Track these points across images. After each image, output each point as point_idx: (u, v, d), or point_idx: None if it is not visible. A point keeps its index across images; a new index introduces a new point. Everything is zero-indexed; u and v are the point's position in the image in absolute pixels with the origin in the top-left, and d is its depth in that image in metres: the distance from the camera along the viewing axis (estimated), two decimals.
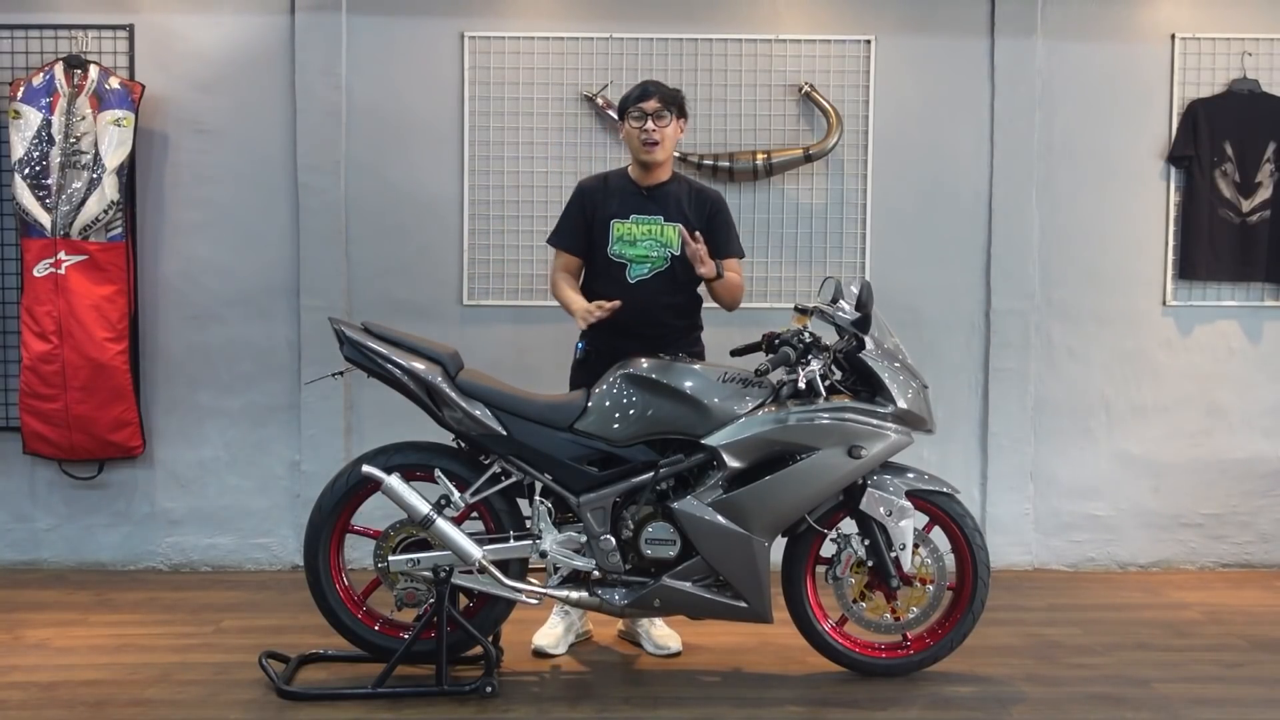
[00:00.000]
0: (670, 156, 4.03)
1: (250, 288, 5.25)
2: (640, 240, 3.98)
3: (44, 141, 4.95)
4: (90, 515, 5.24)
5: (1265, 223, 5.33)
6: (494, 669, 3.69)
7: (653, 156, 3.95)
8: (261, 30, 5.20)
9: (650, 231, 3.98)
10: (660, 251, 3.97)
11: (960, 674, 3.89)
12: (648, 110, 3.91)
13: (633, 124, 3.94)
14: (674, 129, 3.97)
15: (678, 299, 4.04)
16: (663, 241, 3.98)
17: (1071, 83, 5.32)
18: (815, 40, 5.25)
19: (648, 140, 3.92)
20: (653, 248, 3.98)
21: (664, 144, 3.94)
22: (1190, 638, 4.39)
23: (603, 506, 3.70)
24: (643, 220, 3.99)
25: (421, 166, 5.24)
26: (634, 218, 3.98)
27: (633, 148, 4.00)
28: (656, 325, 3.98)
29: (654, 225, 3.98)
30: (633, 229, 3.98)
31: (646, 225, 3.99)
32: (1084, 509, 5.40)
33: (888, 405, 3.70)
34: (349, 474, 3.78)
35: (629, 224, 3.99)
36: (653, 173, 4.01)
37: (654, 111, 3.91)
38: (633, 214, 3.99)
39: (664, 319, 4.00)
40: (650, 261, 3.98)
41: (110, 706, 3.57)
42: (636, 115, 3.93)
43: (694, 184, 4.13)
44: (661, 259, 3.98)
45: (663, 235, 3.98)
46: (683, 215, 3.99)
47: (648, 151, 3.93)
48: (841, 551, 3.80)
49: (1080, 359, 5.38)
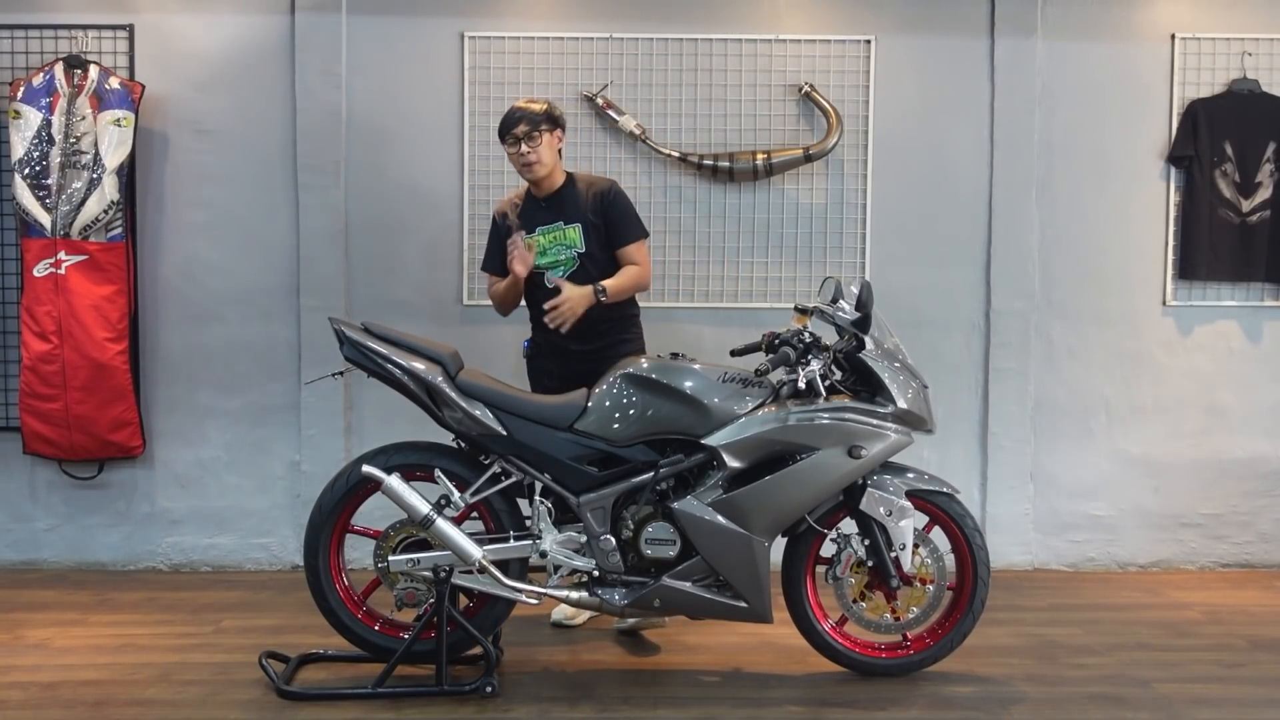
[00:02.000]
0: (555, 166, 4.24)
1: (250, 288, 5.25)
2: (548, 249, 4.23)
3: (44, 141, 4.95)
4: (90, 515, 5.24)
5: (1265, 223, 5.33)
6: (494, 669, 3.69)
7: (534, 175, 4.20)
8: (261, 30, 5.20)
9: (555, 238, 4.23)
10: (566, 253, 4.21)
11: (960, 674, 3.89)
12: (518, 135, 4.15)
13: (509, 150, 4.21)
14: (549, 142, 4.19)
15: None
16: (565, 243, 4.22)
17: (1071, 83, 5.32)
18: (815, 40, 5.25)
19: (524, 163, 4.17)
20: (559, 251, 4.22)
21: (542, 160, 4.17)
22: (1190, 638, 4.39)
23: (603, 506, 3.70)
24: (545, 230, 4.24)
25: (421, 166, 5.24)
26: (538, 230, 4.24)
27: (518, 171, 4.26)
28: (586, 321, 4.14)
29: (555, 231, 4.23)
30: (540, 240, 4.23)
31: (550, 234, 4.23)
32: (1084, 509, 5.40)
33: (888, 405, 3.70)
34: (349, 474, 3.78)
35: (535, 236, 4.23)
36: (544, 185, 4.25)
37: (524, 135, 4.14)
38: (537, 227, 4.24)
39: (591, 314, 4.14)
40: (561, 264, 4.21)
41: (110, 706, 3.57)
42: (510, 142, 4.18)
43: (587, 180, 4.35)
44: (570, 259, 4.21)
45: (565, 238, 4.23)
46: (581, 213, 4.23)
47: (529, 171, 4.19)
48: (841, 551, 3.80)
49: (1080, 359, 5.38)
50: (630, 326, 4.33)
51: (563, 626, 4.33)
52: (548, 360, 4.27)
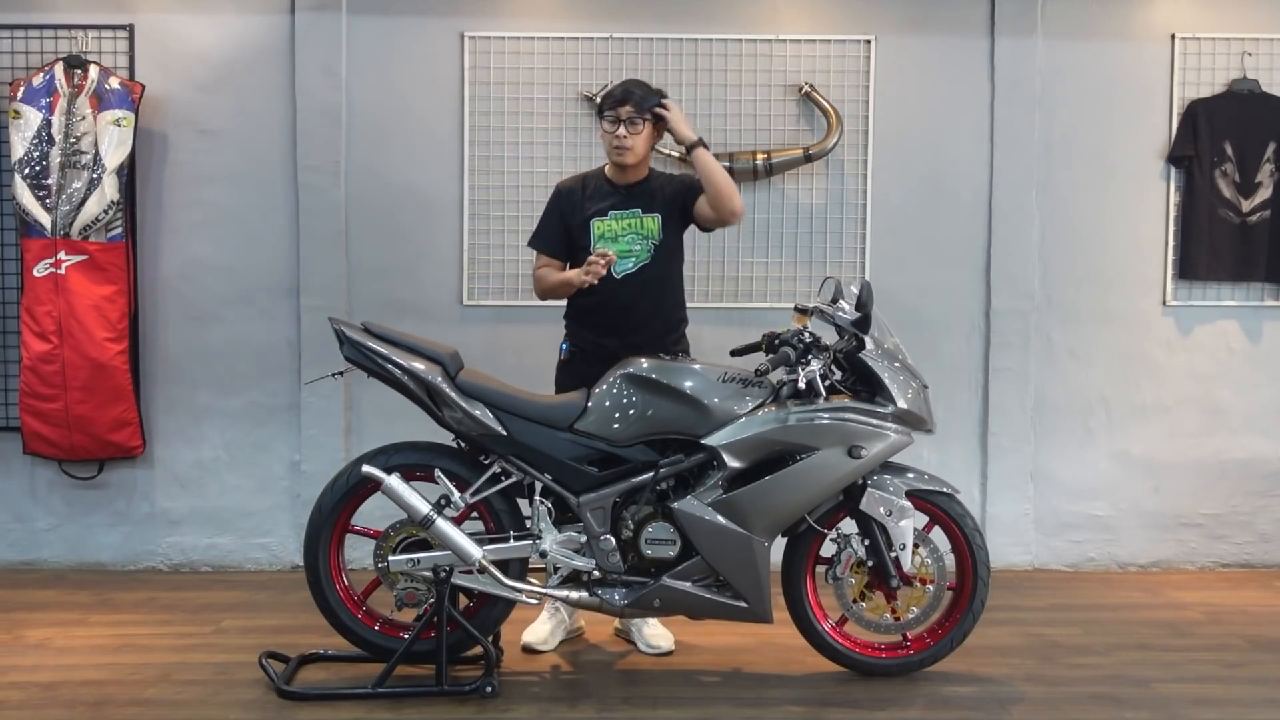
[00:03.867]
0: (645, 160, 4.01)
1: (250, 288, 5.25)
2: (622, 235, 3.98)
3: (44, 141, 4.95)
4: (90, 515, 5.24)
5: (1265, 223, 5.33)
6: (494, 669, 3.69)
7: (623, 160, 3.95)
8: (261, 30, 5.20)
9: (631, 225, 3.99)
10: (643, 244, 3.98)
11: (960, 674, 3.89)
12: (621, 116, 3.90)
13: (606, 126, 3.95)
14: (647, 135, 3.95)
15: (663, 291, 4.05)
16: (643, 233, 3.99)
17: (1071, 83, 5.32)
18: (815, 40, 5.25)
19: (618, 146, 3.92)
20: (634, 241, 3.98)
21: (635, 149, 3.92)
22: (1190, 638, 4.39)
23: (603, 506, 3.70)
24: (622, 215, 3.99)
25: (421, 166, 5.24)
26: (613, 214, 3.99)
27: (606, 149, 4.00)
28: (641, 321, 3.99)
29: (633, 219, 3.99)
30: (613, 225, 3.99)
31: (626, 220, 3.99)
32: (1084, 509, 5.40)
33: (888, 405, 3.70)
34: (349, 474, 3.78)
35: (609, 221, 3.99)
36: (628, 173, 4.01)
37: (627, 118, 3.90)
38: (611, 211, 3.99)
39: (651, 315, 4.01)
40: (634, 255, 3.98)
41: (110, 706, 3.57)
42: (610, 120, 3.93)
43: (670, 176, 4.14)
44: (645, 251, 3.98)
45: (643, 228, 3.99)
46: (660, 205, 4.00)
47: (619, 155, 3.94)
48: (841, 551, 3.80)
49: (1080, 359, 5.38)
50: (683, 336, 4.12)
51: (534, 651, 4.07)
52: (586, 367, 3.95)
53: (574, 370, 4.03)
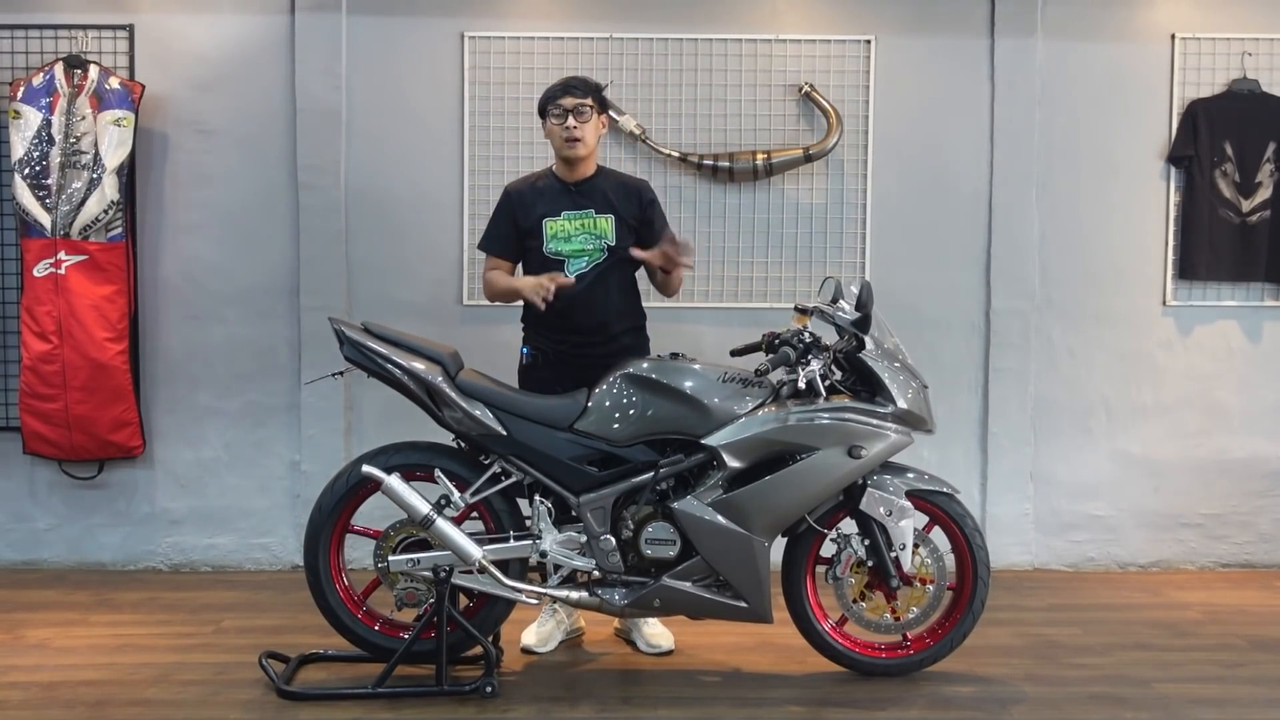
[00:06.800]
0: (594, 152, 4.03)
1: (250, 288, 5.25)
2: (575, 235, 3.99)
3: (44, 141, 4.95)
4: (90, 515, 5.24)
5: (1265, 223, 5.33)
6: (494, 669, 3.69)
7: (575, 152, 3.95)
8: (261, 30, 5.20)
9: (584, 225, 4.00)
10: (596, 244, 4.00)
11: (960, 674, 3.89)
12: (567, 107, 3.92)
13: (553, 121, 3.95)
14: (595, 124, 3.98)
15: (619, 290, 4.07)
16: (595, 233, 4.00)
17: (1071, 83, 5.32)
18: (815, 40, 5.25)
19: (569, 138, 3.92)
20: (588, 241, 3.99)
21: (586, 140, 3.94)
22: (1190, 638, 4.39)
23: (603, 506, 3.70)
24: (574, 215, 4.00)
25: (421, 166, 5.24)
26: (565, 214, 4.00)
27: (555, 145, 4.01)
28: (601, 320, 4.01)
29: (586, 219, 4.00)
30: (566, 225, 4.00)
31: (579, 220, 4.00)
32: (1084, 509, 5.40)
33: (888, 405, 3.70)
34: (349, 474, 3.78)
35: (561, 220, 4.00)
36: (578, 169, 4.02)
37: (573, 108, 3.92)
38: (563, 211, 4.00)
39: (607, 313, 4.02)
40: (587, 254, 4.00)
41: (110, 706, 3.57)
42: (557, 113, 3.94)
43: (619, 176, 4.17)
44: (598, 250, 4.00)
45: (595, 228, 4.00)
46: (611, 207, 4.02)
47: (570, 148, 3.94)
48: (841, 551, 3.80)
49: (1080, 359, 5.38)
50: (643, 333, 4.18)
51: (533, 653, 4.07)
52: (548, 370, 4.02)
53: (536, 375, 4.06)
